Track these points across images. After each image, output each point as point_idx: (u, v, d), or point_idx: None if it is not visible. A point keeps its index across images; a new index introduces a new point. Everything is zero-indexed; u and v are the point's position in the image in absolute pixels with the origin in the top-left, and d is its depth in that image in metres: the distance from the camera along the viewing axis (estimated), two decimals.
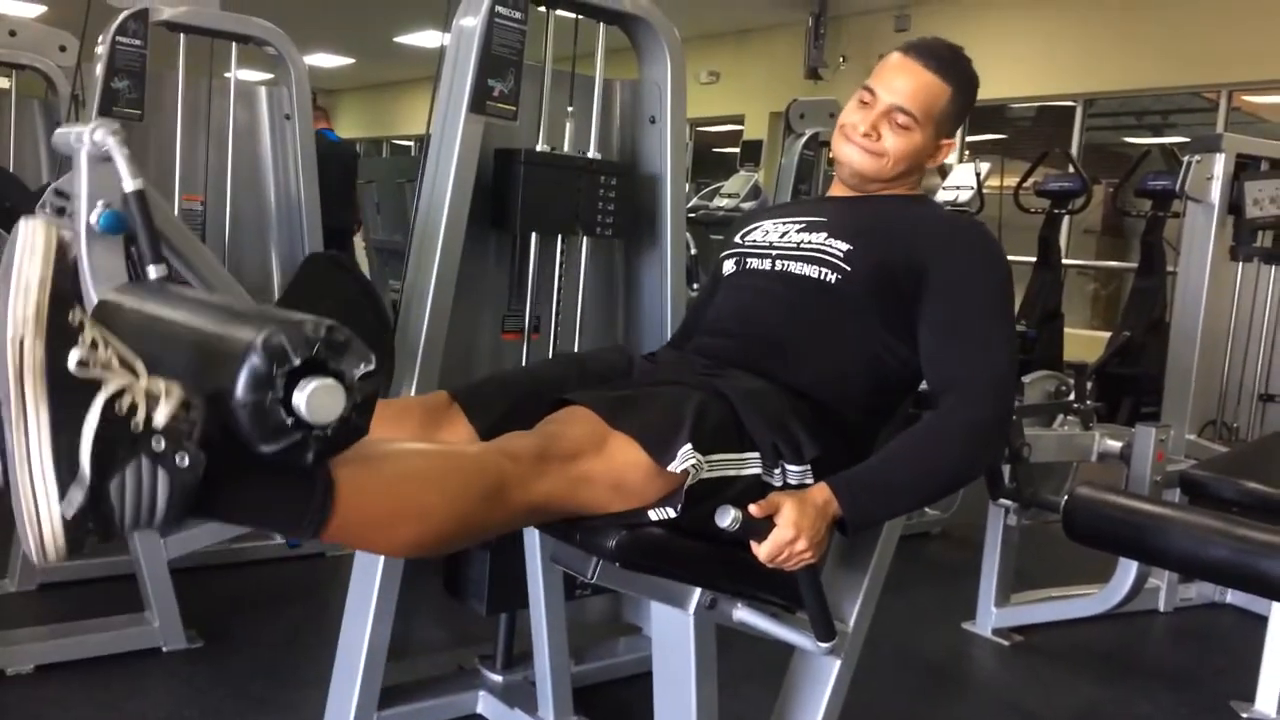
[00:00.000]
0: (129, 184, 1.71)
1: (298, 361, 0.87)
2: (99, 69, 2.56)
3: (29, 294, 0.79)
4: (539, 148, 2.06)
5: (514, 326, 2.11)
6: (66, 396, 0.80)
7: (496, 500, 1.17)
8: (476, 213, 1.97)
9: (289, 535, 1.26)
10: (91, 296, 1.17)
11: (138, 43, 2.56)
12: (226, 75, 2.77)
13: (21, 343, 0.78)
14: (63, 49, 3.89)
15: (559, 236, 2.12)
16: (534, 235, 2.08)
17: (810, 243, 1.59)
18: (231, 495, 0.91)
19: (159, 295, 1.02)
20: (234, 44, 2.72)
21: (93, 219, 1.68)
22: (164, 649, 2.31)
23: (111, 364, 0.83)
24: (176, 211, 2.67)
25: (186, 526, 1.33)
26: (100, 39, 2.58)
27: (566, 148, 2.12)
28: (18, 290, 0.79)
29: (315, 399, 0.88)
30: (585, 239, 2.13)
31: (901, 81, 1.61)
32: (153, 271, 1.69)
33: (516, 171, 1.99)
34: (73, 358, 0.80)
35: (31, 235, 0.81)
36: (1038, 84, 8.41)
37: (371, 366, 0.92)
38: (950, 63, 1.62)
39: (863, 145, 1.63)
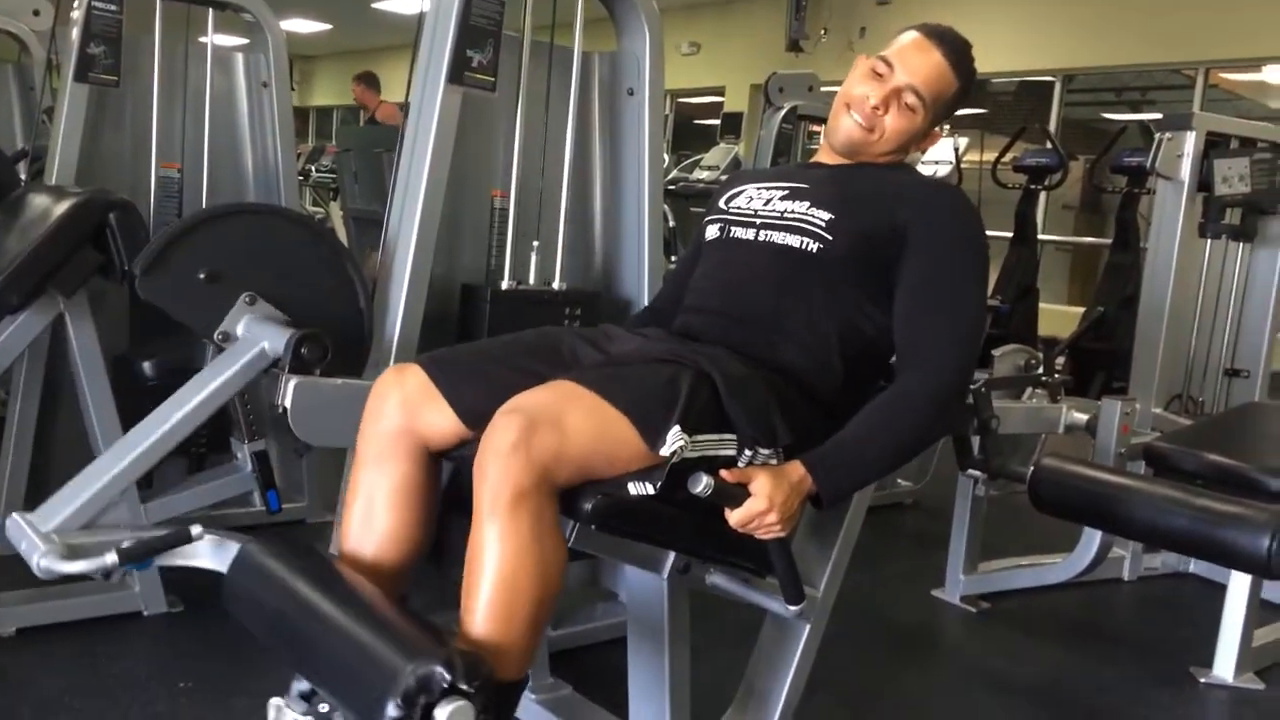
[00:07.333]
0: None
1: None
2: (75, 34, 2.53)
3: None
4: (504, 284, 2.08)
5: None
6: None
7: (537, 511, 1.30)
8: None
9: None
10: None
11: (113, 8, 2.54)
12: (203, 40, 2.75)
13: None
14: (36, 13, 3.85)
15: None
16: None
17: (793, 211, 1.62)
18: None
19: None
20: (210, 9, 2.70)
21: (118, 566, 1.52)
22: (145, 613, 2.33)
23: None
24: (153, 179, 2.67)
25: None
26: (75, 3, 2.56)
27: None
28: None
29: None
30: None
31: (920, 62, 1.62)
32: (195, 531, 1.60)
33: (481, 310, 2.01)
34: None
35: None
36: (1018, 59, 8.43)
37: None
38: (963, 55, 1.65)
39: (867, 118, 1.63)
